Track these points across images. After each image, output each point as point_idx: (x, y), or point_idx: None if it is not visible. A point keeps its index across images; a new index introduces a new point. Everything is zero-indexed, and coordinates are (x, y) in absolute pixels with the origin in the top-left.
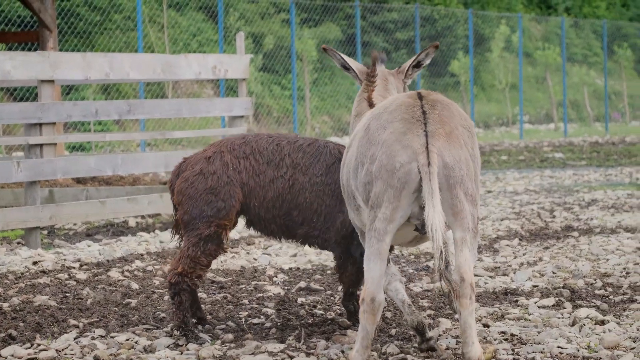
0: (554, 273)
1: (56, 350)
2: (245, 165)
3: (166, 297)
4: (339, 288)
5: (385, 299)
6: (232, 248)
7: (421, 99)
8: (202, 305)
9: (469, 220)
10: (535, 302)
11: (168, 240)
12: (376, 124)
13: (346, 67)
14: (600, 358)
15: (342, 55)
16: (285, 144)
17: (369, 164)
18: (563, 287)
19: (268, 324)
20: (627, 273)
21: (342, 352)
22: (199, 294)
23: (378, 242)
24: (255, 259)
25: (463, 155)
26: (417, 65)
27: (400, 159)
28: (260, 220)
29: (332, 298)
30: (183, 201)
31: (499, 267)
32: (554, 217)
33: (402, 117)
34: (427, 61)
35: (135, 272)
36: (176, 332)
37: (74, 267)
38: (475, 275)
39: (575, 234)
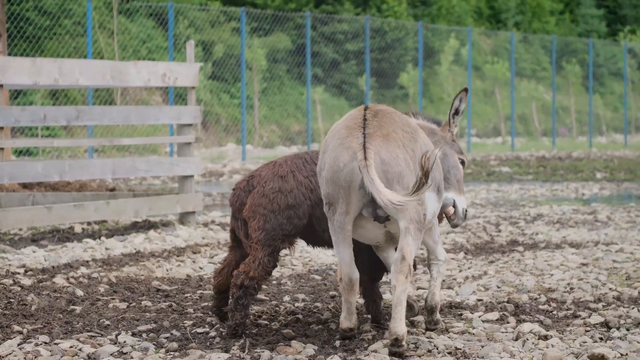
0: (498, 287)
1: None
2: (314, 184)
3: (111, 305)
4: (284, 298)
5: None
6: (177, 256)
7: (366, 109)
8: (147, 314)
9: (412, 212)
10: (480, 316)
11: (113, 247)
12: (330, 135)
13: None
14: None
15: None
16: None
17: (324, 169)
18: (507, 302)
19: (213, 333)
20: (571, 288)
21: None
22: (143, 302)
23: (342, 231)
24: (201, 268)
25: (401, 154)
26: (456, 112)
27: (343, 159)
28: (314, 232)
29: (277, 308)
30: (260, 215)
31: (444, 280)
32: (499, 231)
33: (346, 125)
34: (463, 105)
35: (81, 279)
36: (226, 332)
37: (18, 273)
38: (419, 288)
39: (521, 248)
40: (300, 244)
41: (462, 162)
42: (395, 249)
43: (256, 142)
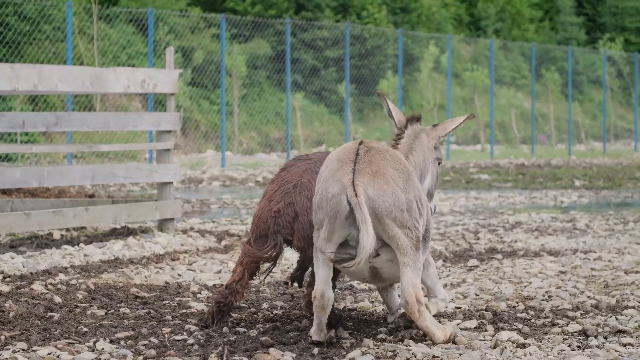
0: (476, 295)
1: None
2: None
3: (89, 312)
4: (263, 306)
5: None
6: (156, 263)
7: (360, 144)
8: (125, 321)
9: (405, 242)
10: (458, 324)
11: (92, 253)
12: (324, 165)
13: (390, 115)
14: None
15: (390, 104)
16: None
17: (316, 196)
18: (485, 310)
19: (191, 341)
20: (550, 296)
21: None
22: (122, 309)
23: (322, 254)
24: (180, 275)
25: (389, 189)
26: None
27: (332, 191)
28: None
29: (255, 316)
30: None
31: (422, 288)
32: (478, 238)
33: (338, 158)
34: (461, 126)
35: (59, 286)
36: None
37: None
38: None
39: (499, 256)
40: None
41: (439, 163)
42: (391, 284)
43: (236, 149)
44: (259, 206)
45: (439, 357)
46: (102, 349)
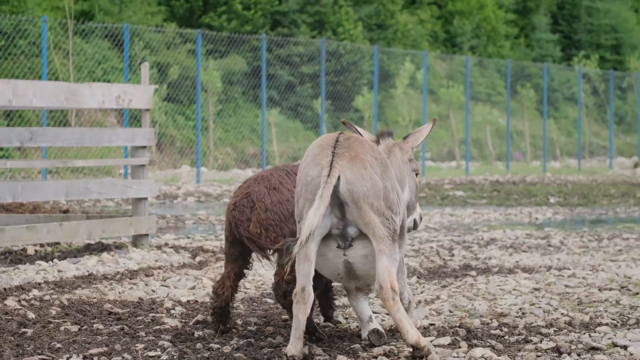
0: (450, 312)
1: None
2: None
3: (63, 328)
4: (237, 322)
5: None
6: (130, 279)
7: (340, 134)
8: (98, 337)
9: (382, 230)
10: (432, 341)
11: (66, 269)
12: (305, 154)
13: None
14: None
15: (357, 128)
16: None
17: (298, 185)
18: (459, 326)
19: (164, 357)
20: (523, 313)
21: None
22: (95, 325)
23: (303, 248)
24: (154, 291)
25: (367, 175)
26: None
27: (312, 173)
28: None
29: (229, 332)
30: (272, 227)
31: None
32: (452, 255)
33: (319, 145)
34: (429, 134)
35: (33, 301)
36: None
37: None
38: (374, 312)
39: (473, 273)
40: (256, 266)
41: (417, 174)
42: (364, 291)
43: (211, 165)
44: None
45: None
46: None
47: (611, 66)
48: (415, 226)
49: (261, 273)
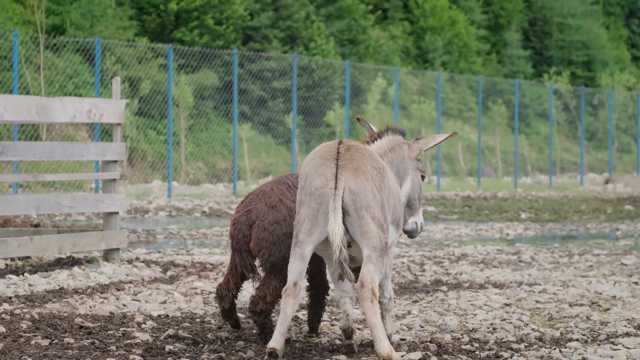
0: (421, 327)
1: None
2: None
3: (33, 342)
4: (208, 336)
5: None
6: (101, 293)
7: (340, 144)
8: (69, 351)
9: (376, 241)
10: (402, 356)
11: (37, 283)
12: (305, 163)
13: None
14: None
15: (370, 125)
16: None
17: (300, 193)
18: (430, 342)
19: None
20: (494, 329)
21: None
22: (66, 339)
23: (300, 248)
24: (125, 305)
25: (369, 186)
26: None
27: (316, 184)
28: None
29: (200, 346)
30: (265, 249)
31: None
32: (424, 270)
33: (321, 155)
34: (442, 143)
35: (3, 315)
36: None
37: None
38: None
39: (444, 288)
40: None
41: (423, 178)
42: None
43: (182, 179)
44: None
45: None
46: None
47: (582, 82)
48: (415, 232)
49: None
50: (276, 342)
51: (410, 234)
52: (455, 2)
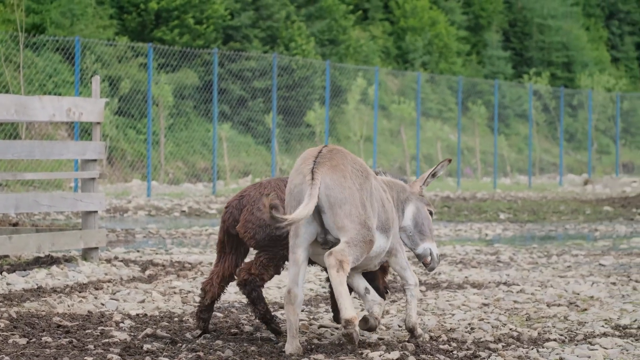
0: (399, 327)
1: None
2: None
3: (11, 340)
4: (186, 335)
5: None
6: (79, 292)
7: (324, 147)
8: (47, 350)
9: (353, 234)
10: (380, 355)
11: (15, 282)
12: (293, 168)
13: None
14: None
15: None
16: None
17: (286, 197)
18: (408, 341)
19: None
20: (472, 329)
21: None
22: (44, 338)
23: (292, 254)
24: (103, 304)
25: (346, 183)
26: (434, 175)
27: (295, 182)
28: None
29: (178, 345)
30: (250, 229)
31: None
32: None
33: (303, 157)
34: (442, 172)
35: None
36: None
37: None
38: (322, 327)
39: (423, 288)
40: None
41: (431, 213)
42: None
43: (162, 179)
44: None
45: None
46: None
47: (562, 83)
48: (428, 258)
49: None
50: (291, 345)
51: (424, 260)
52: (435, 3)
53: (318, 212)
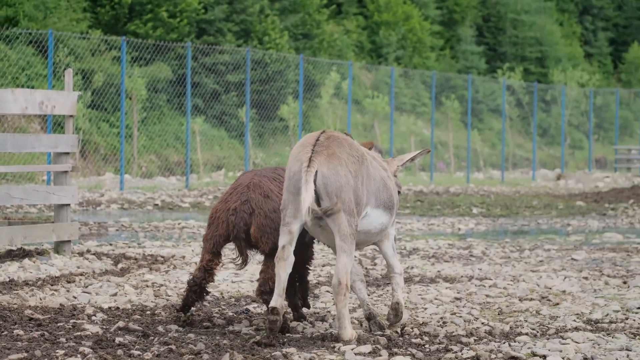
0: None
1: None
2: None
3: None
4: (158, 329)
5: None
6: (51, 285)
7: (322, 133)
8: (18, 343)
9: (345, 226)
10: (352, 349)
11: None
12: (291, 153)
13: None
14: None
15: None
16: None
17: (285, 181)
18: (380, 335)
19: None
20: (444, 322)
21: None
22: (15, 331)
23: (287, 226)
24: (75, 297)
25: (342, 171)
26: (412, 159)
27: (293, 169)
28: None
29: (150, 339)
30: (267, 234)
31: (318, 313)
32: (375, 264)
33: (301, 144)
34: (418, 160)
35: None
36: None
37: None
38: (295, 321)
39: None
40: (174, 276)
41: (399, 193)
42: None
43: (135, 172)
44: (215, 208)
45: None
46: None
47: (535, 79)
48: None
49: (183, 281)
50: (275, 301)
51: None
52: None
53: (315, 197)
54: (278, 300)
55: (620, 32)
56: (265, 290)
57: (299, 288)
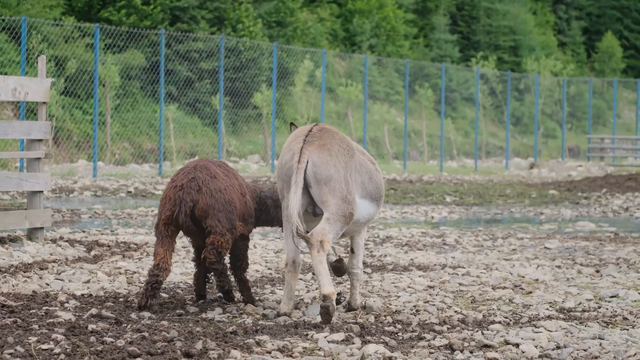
0: (345, 308)
1: None
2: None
3: None
4: (131, 316)
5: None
6: (24, 272)
7: (315, 125)
8: None
9: (334, 209)
10: (325, 337)
11: None
12: (285, 143)
13: None
14: None
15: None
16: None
17: (277, 169)
18: (354, 323)
19: (57, 350)
20: (417, 311)
21: None
22: None
23: (287, 223)
24: (48, 284)
25: (331, 162)
26: None
27: (285, 158)
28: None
29: (123, 326)
30: (216, 210)
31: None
32: (348, 252)
33: (295, 134)
34: None
35: None
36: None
37: None
38: (267, 308)
39: (369, 270)
40: (149, 263)
41: None
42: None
43: (108, 159)
44: (164, 193)
45: None
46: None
47: (509, 67)
48: None
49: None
50: (286, 305)
51: None
52: None
53: (307, 186)
54: (289, 304)
55: (594, 22)
56: (212, 259)
57: (239, 288)
